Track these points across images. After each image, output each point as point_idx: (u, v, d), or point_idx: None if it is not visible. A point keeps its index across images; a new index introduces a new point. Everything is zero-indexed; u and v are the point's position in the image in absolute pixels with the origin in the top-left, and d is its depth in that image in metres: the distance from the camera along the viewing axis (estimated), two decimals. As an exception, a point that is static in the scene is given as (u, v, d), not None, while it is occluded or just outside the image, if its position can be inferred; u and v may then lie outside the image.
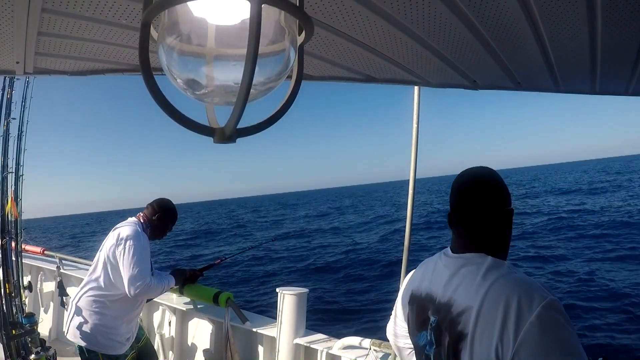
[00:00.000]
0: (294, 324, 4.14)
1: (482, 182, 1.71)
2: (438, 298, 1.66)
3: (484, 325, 1.42)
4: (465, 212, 1.69)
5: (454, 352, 1.51)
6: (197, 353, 4.88)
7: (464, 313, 1.50)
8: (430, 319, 1.68)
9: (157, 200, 3.88)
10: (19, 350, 4.08)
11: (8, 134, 4.80)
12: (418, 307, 1.79)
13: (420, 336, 1.77)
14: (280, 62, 0.85)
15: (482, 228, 1.66)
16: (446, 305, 1.59)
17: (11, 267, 4.57)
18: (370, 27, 1.46)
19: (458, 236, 1.73)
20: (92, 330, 3.47)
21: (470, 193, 1.70)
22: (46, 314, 6.53)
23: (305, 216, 57.96)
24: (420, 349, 1.76)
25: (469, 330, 1.46)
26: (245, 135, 0.80)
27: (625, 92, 2.14)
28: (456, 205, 1.73)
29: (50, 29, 1.41)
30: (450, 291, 1.61)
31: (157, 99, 0.76)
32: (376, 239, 27.69)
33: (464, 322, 1.49)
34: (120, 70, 1.85)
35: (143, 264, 3.48)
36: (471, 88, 2.10)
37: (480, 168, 1.76)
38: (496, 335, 1.38)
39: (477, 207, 1.67)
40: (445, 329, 1.57)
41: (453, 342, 1.52)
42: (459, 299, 1.55)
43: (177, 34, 0.80)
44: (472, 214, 1.67)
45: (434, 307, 1.67)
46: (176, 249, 30.32)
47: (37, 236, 66.54)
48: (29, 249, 6.80)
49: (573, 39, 1.53)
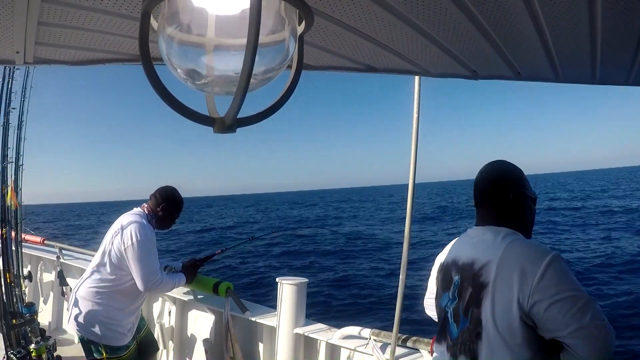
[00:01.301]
0: (293, 314, 4.15)
1: (498, 168, 2.09)
2: (462, 260, 1.96)
3: (503, 275, 1.71)
4: (484, 193, 2.05)
5: (476, 301, 1.78)
6: (197, 343, 4.90)
7: (485, 266, 1.79)
8: (454, 279, 1.97)
9: (159, 190, 3.81)
10: (19, 339, 4.09)
11: (8, 124, 4.79)
12: (444, 273, 2.08)
13: (443, 297, 2.04)
14: (280, 52, 0.86)
15: (498, 206, 1.99)
16: (469, 263, 1.89)
17: (11, 257, 4.58)
18: (371, 16, 1.46)
19: (480, 215, 2.06)
20: (95, 321, 3.47)
21: (488, 177, 2.07)
22: (46, 304, 6.55)
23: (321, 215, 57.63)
24: (442, 310, 2.03)
25: (490, 280, 1.74)
26: (245, 125, 0.81)
27: (626, 82, 2.14)
28: (478, 187, 2.08)
29: (50, 18, 1.41)
30: (472, 252, 1.91)
31: (157, 88, 0.77)
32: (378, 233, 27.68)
33: (485, 273, 1.78)
34: (121, 60, 1.85)
35: (152, 260, 3.47)
36: (471, 78, 2.10)
37: (501, 160, 2.14)
38: (515, 282, 1.67)
39: (493, 188, 2.03)
40: (468, 284, 1.85)
41: (475, 293, 1.80)
42: (480, 256, 1.85)
43: (177, 24, 0.80)
44: (490, 195, 2.03)
45: (457, 268, 1.97)
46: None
47: (49, 219, 66.17)
48: (29, 239, 6.81)
49: (573, 27, 1.53)
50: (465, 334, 1.81)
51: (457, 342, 1.85)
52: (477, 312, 1.76)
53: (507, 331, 1.68)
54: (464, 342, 1.82)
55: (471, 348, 1.77)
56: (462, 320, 1.85)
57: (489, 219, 1.99)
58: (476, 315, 1.77)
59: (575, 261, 16.15)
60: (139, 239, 3.42)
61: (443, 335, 1.98)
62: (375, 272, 17.19)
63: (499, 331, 1.68)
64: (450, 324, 1.92)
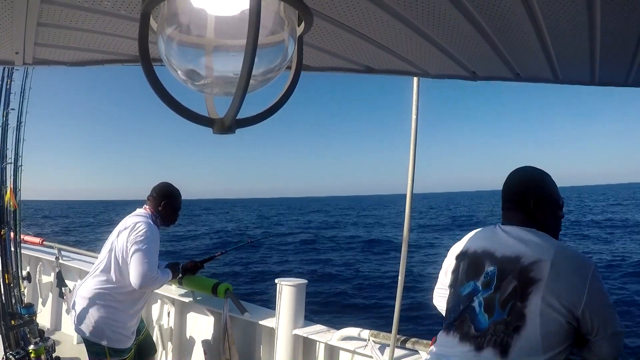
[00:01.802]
0: (292, 315, 4.14)
1: (523, 174, 2.21)
2: (501, 253, 1.99)
3: (556, 276, 1.79)
4: (510, 197, 2.15)
5: (522, 295, 1.82)
6: (195, 344, 4.90)
7: (536, 263, 1.84)
8: (487, 269, 1.99)
9: (154, 190, 3.82)
10: (18, 340, 4.08)
11: (7, 125, 4.79)
12: (472, 261, 2.09)
13: (466, 286, 2.06)
14: (279, 53, 0.86)
15: (523, 211, 2.08)
16: (513, 258, 1.92)
17: (10, 258, 4.57)
18: (370, 18, 1.46)
19: (508, 216, 2.14)
20: (100, 323, 3.45)
21: (514, 182, 2.18)
22: (45, 304, 6.54)
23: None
24: (463, 298, 2.04)
25: (543, 277, 1.80)
26: (244, 126, 0.81)
27: (625, 83, 2.14)
28: (505, 191, 2.19)
29: (49, 19, 1.41)
30: (516, 248, 1.94)
31: (157, 89, 0.77)
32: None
33: (537, 270, 1.83)
34: (120, 61, 1.85)
35: (152, 257, 3.46)
36: (470, 79, 2.10)
37: (528, 166, 2.23)
38: (569, 286, 1.78)
39: (517, 194, 2.13)
40: (513, 277, 1.88)
41: (522, 287, 1.84)
42: (529, 253, 1.89)
43: (176, 25, 0.80)
44: (515, 199, 2.12)
45: (493, 260, 1.99)
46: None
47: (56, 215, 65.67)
48: (28, 240, 6.79)
49: (572, 28, 1.53)
50: (500, 326, 1.83)
51: (487, 333, 1.86)
52: (521, 306, 1.81)
53: (552, 329, 1.77)
54: (496, 333, 1.83)
55: (504, 341, 1.80)
56: (497, 311, 1.87)
57: (516, 222, 2.08)
58: (519, 309, 1.81)
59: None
60: (145, 237, 3.43)
61: (462, 324, 1.98)
62: (375, 274, 17.20)
63: (543, 328, 1.76)
64: (478, 314, 1.93)
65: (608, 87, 2.24)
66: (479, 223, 41.55)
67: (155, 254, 3.51)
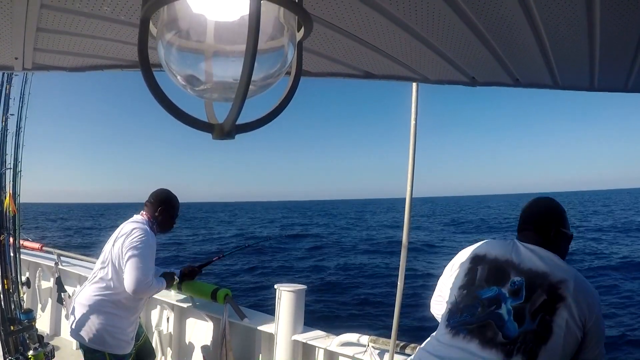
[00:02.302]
0: (292, 321, 4.14)
1: (547, 204, 2.43)
2: (527, 267, 2.14)
3: (578, 297, 1.99)
4: (532, 221, 2.35)
5: (550, 309, 1.98)
6: (195, 350, 4.89)
7: (563, 282, 2.03)
8: (513, 279, 2.12)
9: (152, 195, 3.80)
10: (17, 346, 4.07)
11: (6, 130, 4.79)
12: (493, 267, 2.22)
13: (487, 290, 2.17)
14: (279, 58, 0.85)
15: (542, 236, 2.28)
16: (541, 273, 2.09)
17: (9, 263, 4.56)
18: (369, 23, 1.46)
19: (526, 237, 2.31)
20: (100, 329, 3.43)
21: (538, 210, 2.41)
22: (44, 310, 6.52)
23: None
24: (484, 300, 2.14)
25: (568, 295, 1.99)
26: (244, 132, 0.81)
27: (624, 88, 2.14)
28: (527, 215, 2.40)
29: (49, 25, 1.41)
30: (543, 265, 2.12)
31: (156, 95, 0.76)
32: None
33: (564, 288, 2.01)
34: (120, 66, 1.85)
35: (147, 263, 3.44)
36: (469, 84, 2.10)
37: (550, 197, 2.49)
38: (586, 307, 1.99)
39: (540, 220, 2.33)
40: (542, 290, 2.04)
41: (551, 302, 2.00)
42: (556, 272, 2.08)
43: (176, 30, 0.80)
44: (537, 225, 2.32)
45: (519, 271, 2.14)
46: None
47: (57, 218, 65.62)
48: (27, 245, 6.79)
49: (571, 34, 1.53)
50: (530, 335, 1.95)
51: (517, 341, 1.96)
52: (550, 320, 1.97)
53: (570, 341, 1.96)
54: (525, 342, 1.94)
55: (533, 349, 1.92)
56: (527, 321, 1.99)
57: (534, 243, 2.25)
58: (548, 321, 1.96)
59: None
60: (140, 243, 3.41)
61: (484, 329, 2.06)
62: (374, 279, 17.18)
63: (565, 340, 1.94)
64: (507, 321, 2.03)
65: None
66: (478, 226, 41.75)
67: (150, 260, 3.49)
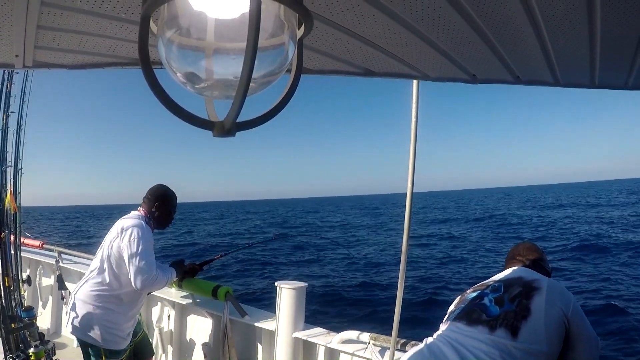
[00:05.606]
0: (292, 318, 4.14)
1: (529, 246, 2.94)
2: (505, 276, 2.63)
3: (553, 291, 2.39)
4: (519, 255, 2.85)
5: (527, 295, 2.37)
6: (195, 347, 4.89)
7: (536, 280, 2.46)
8: (492, 285, 2.57)
9: (150, 191, 3.82)
10: (18, 344, 4.07)
11: (7, 128, 4.79)
12: (474, 286, 2.70)
13: (472, 293, 2.61)
14: (279, 56, 0.85)
15: (526, 265, 2.77)
16: (516, 277, 2.56)
17: (10, 261, 4.57)
18: (370, 20, 1.46)
19: (512, 264, 2.81)
20: (96, 325, 3.46)
21: (524, 247, 2.93)
22: (45, 308, 6.53)
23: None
24: (469, 299, 2.56)
25: (543, 287, 2.39)
26: (244, 129, 0.81)
27: (625, 86, 2.14)
28: (515, 252, 2.91)
29: (49, 22, 1.41)
30: (517, 273, 2.62)
31: (157, 92, 0.77)
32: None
33: (537, 282, 2.43)
34: (120, 64, 1.85)
35: (149, 256, 3.46)
36: (470, 82, 2.10)
37: (532, 242, 3.05)
38: (562, 300, 2.36)
39: (524, 254, 2.84)
40: (518, 285, 2.47)
41: (526, 290, 2.40)
42: (527, 275, 2.54)
43: (176, 28, 0.80)
44: (522, 257, 2.83)
45: (498, 280, 2.60)
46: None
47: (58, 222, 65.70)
48: (28, 243, 6.79)
49: (572, 31, 1.53)
50: (510, 314, 2.30)
51: (499, 318, 2.31)
52: (527, 302, 2.33)
53: (553, 323, 2.26)
54: (507, 318, 2.29)
55: (514, 324, 2.25)
56: (507, 304, 2.37)
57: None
58: (525, 304, 2.32)
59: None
60: (136, 237, 3.44)
61: (470, 314, 2.44)
62: (375, 277, 17.18)
63: (546, 321, 2.25)
64: (489, 306, 2.41)
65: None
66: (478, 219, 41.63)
67: (150, 253, 3.52)
